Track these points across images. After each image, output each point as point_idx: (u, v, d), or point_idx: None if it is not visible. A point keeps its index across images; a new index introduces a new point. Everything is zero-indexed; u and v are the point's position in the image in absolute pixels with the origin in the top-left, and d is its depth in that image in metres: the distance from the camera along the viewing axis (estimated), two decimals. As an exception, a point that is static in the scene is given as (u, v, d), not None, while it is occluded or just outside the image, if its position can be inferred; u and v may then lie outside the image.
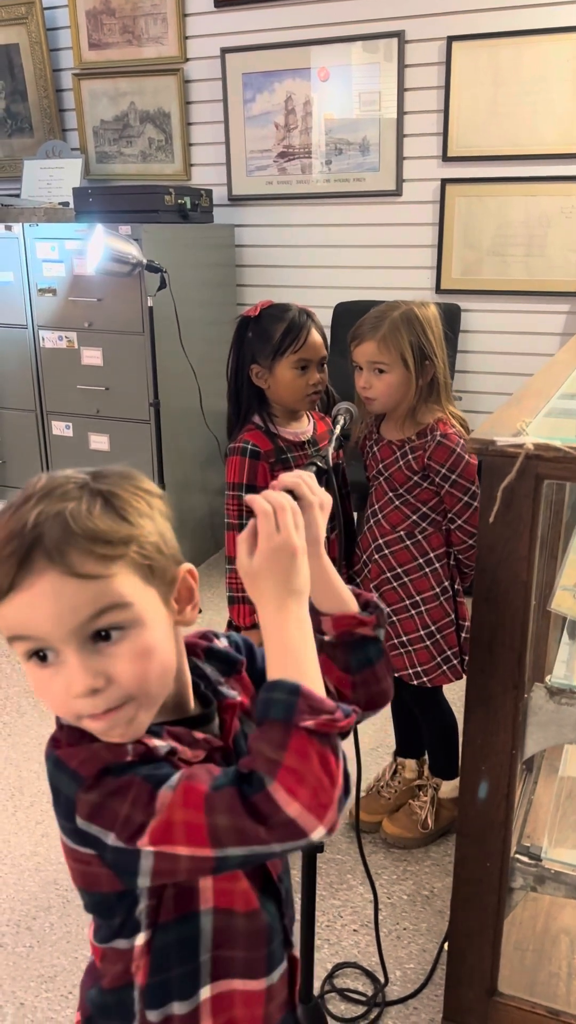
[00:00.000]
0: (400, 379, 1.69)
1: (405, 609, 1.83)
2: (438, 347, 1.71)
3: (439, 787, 2.05)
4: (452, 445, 1.72)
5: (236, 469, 1.77)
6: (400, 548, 1.81)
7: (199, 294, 3.50)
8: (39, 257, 3.28)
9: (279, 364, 1.74)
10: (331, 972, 1.70)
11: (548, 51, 3.11)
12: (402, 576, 1.82)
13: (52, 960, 1.75)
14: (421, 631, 1.82)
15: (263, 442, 1.78)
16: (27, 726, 2.57)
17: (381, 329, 1.68)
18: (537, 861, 1.31)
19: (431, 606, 1.82)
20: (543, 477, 1.10)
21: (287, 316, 1.74)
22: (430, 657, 1.83)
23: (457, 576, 1.84)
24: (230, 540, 1.83)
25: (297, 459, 1.81)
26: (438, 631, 1.82)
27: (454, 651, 1.84)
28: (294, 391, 1.76)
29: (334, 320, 3.52)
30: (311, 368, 1.75)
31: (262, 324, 1.75)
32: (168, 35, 3.63)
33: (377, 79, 3.37)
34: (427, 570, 1.81)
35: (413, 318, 1.68)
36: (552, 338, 3.38)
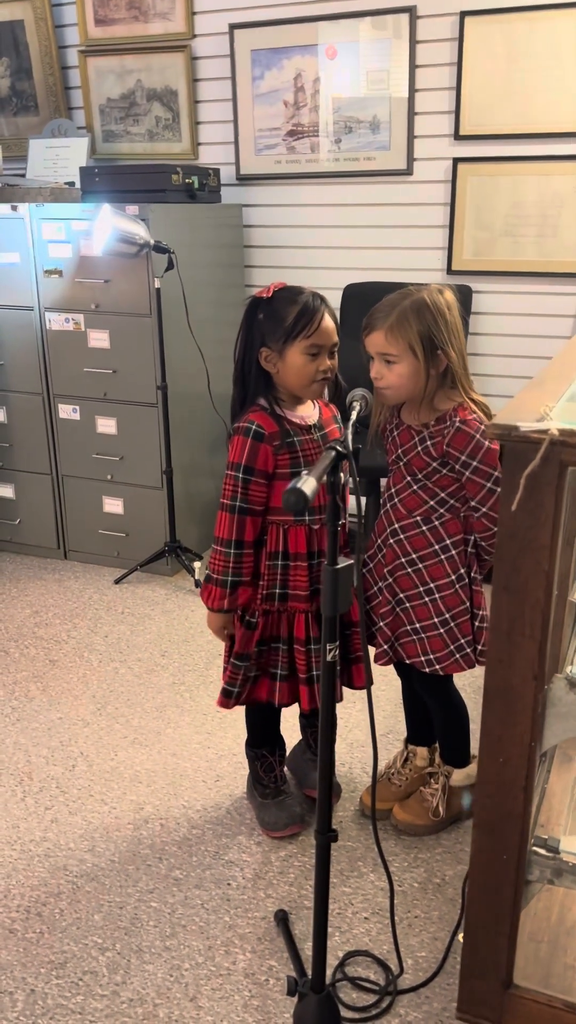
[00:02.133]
0: (410, 370, 1.66)
1: (419, 596, 1.81)
2: (452, 335, 1.66)
3: (451, 775, 2.04)
4: (471, 431, 1.68)
5: (238, 449, 1.75)
6: (416, 533, 1.79)
7: (207, 275, 3.46)
8: (45, 238, 3.24)
9: (290, 348, 1.70)
10: (342, 960, 1.70)
11: (563, 26, 3.05)
12: (417, 562, 1.80)
13: (62, 946, 1.74)
14: (435, 618, 1.80)
15: (268, 424, 1.75)
16: (36, 711, 2.56)
17: (390, 319, 1.64)
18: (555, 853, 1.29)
19: (446, 593, 1.79)
20: (568, 464, 1.07)
21: (300, 299, 1.70)
22: (443, 645, 1.81)
23: (474, 563, 1.81)
24: (221, 520, 1.78)
25: (303, 443, 1.78)
26: (452, 619, 1.80)
27: (468, 639, 1.82)
28: (303, 377, 1.73)
29: (344, 302, 3.48)
30: (322, 354, 1.72)
31: (274, 306, 1.71)
32: (175, 11, 3.57)
33: (388, 56, 3.31)
34: (443, 557, 1.78)
35: (424, 307, 1.64)
36: (565, 320, 3.34)
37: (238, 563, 1.79)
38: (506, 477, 1.10)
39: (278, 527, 1.81)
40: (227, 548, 1.78)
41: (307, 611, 1.85)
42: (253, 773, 2.11)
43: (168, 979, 1.67)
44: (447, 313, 1.66)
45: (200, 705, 2.58)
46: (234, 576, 1.79)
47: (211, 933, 1.77)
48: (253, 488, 1.76)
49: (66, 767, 2.30)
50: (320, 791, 1.41)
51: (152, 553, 3.40)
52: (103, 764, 2.32)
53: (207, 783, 2.24)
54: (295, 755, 2.22)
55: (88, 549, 3.60)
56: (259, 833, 2.05)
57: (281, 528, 1.81)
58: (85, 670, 2.79)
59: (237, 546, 1.78)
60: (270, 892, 1.88)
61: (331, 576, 1.26)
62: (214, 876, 1.92)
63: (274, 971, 1.68)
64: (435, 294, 1.67)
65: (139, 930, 1.78)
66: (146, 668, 2.79)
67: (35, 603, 3.27)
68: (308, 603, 1.85)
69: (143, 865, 1.96)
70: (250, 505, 1.77)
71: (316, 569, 1.83)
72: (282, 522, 1.81)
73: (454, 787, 2.03)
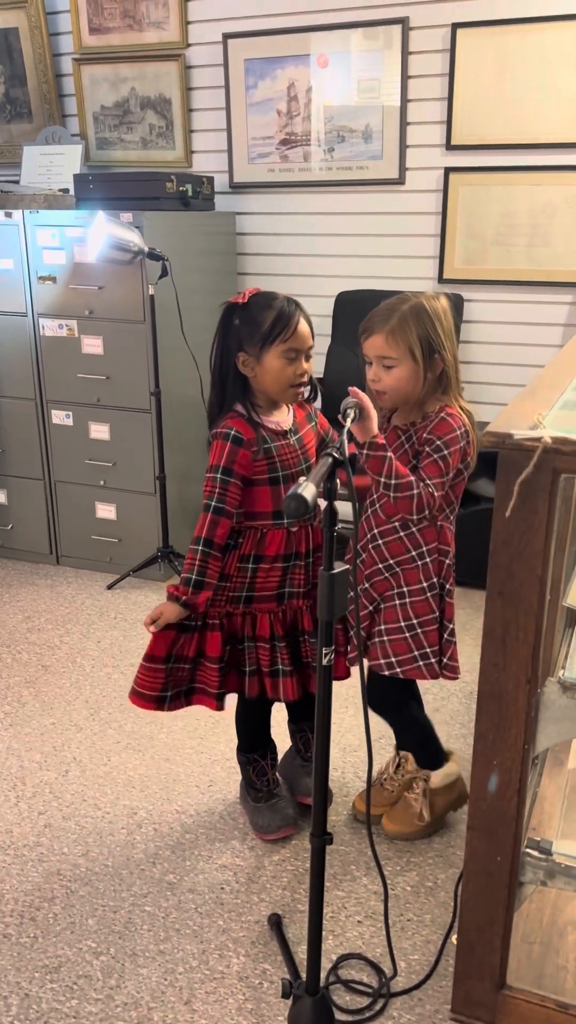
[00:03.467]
0: (408, 373, 1.68)
1: (391, 598, 1.82)
2: (447, 340, 1.69)
3: (429, 778, 2.06)
4: (454, 424, 1.70)
5: (218, 452, 1.77)
6: (394, 539, 1.80)
7: (200, 282, 3.47)
8: (39, 244, 3.25)
9: (267, 353, 1.72)
10: (336, 963, 1.71)
11: (554, 38, 3.09)
12: (395, 567, 1.80)
13: (56, 951, 1.75)
14: (402, 622, 1.81)
15: (247, 430, 1.77)
16: (28, 716, 2.56)
17: (390, 323, 1.66)
18: (547, 855, 1.31)
19: (416, 599, 1.80)
20: (560, 471, 1.09)
21: (276, 304, 1.72)
22: (407, 649, 1.81)
23: (449, 576, 1.81)
24: (200, 520, 1.79)
25: (279, 449, 1.80)
26: (420, 625, 1.80)
27: (434, 649, 1.81)
28: (281, 381, 1.75)
29: (336, 309, 3.51)
30: (299, 358, 1.74)
31: (251, 312, 1.73)
32: (169, 20, 3.60)
33: (380, 66, 3.34)
34: (419, 563, 1.79)
35: (422, 311, 1.67)
36: (555, 328, 3.37)
37: (204, 562, 1.78)
38: (500, 484, 1.12)
39: (256, 531, 1.83)
40: (197, 546, 1.78)
41: (271, 611, 1.87)
42: (245, 778, 2.12)
43: (162, 983, 1.67)
44: (443, 318, 1.69)
45: (193, 710, 2.56)
46: (198, 575, 1.78)
47: (205, 937, 1.78)
48: (231, 489, 1.78)
49: (59, 772, 2.31)
50: (315, 792, 1.42)
51: (145, 559, 3.41)
52: (96, 769, 2.32)
53: (200, 788, 2.24)
54: (286, 762, 2.23)
55: (81, 554, 3.61)
56: (252, 837, 2.06)
57: (259, 531, 1.83)
58: (78, 675, 2.79)
59: (206, 544, 1.77)
60: (263, 896, 1.89)
61: (328, 581, 1.27)
62: (208, 880, 1.93)
63: (268, 974, 1.69)
64: (432, 300, 1.70)
65: (133, 934, 1.79)
66: (139, 673, 2.80)
67: (27, 608, 3.27)
68: (273, 603, 1.87)
69: (137, 869, 1.96)
70: (226, 506, 1.78)
71: (292, 570, 1.86)
72: (261, 526, 1.82)
73: (435, 788, 2.05)
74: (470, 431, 1.72)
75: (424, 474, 1.68)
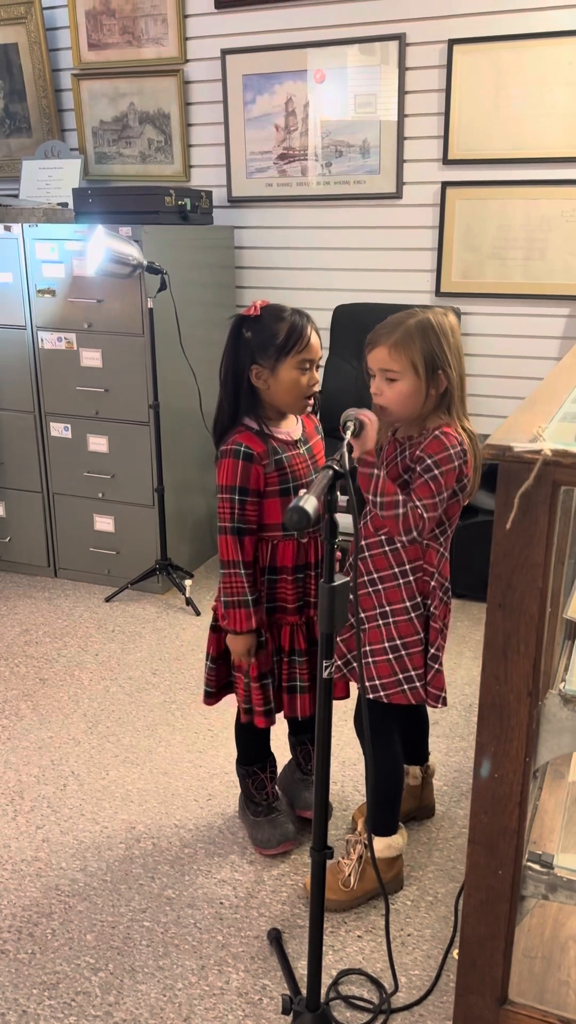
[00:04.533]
0: (410, 388, 1.65)
1: (375, 618, 1.76)
2: (453, 358, 1.66)
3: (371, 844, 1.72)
4: (447, 443, 1.64)
5: (229, 472, 1.76)
6: (379, 553, 1.75)
7: (198, 296, 3.49)
8: (38, 258, 3.26)
9: (283, 364, 1.73)
10: (336, 978, 1.70)
11: (549, 55, 3.12)
12: (377, 582, 1.76)
13: (54, 967, 1.73)
14: (386, 643, 1.74)
15: (256, 444, 1.77)
16: (26, 729, 2.55)
17: (394, 336, 1.64)
18: (549, 869, 1.30)
19: (400, 619, 1.73)
20: (560, 484, 1.09)
21: (288, 316, 1.74)
22: (391, 672, 1.74)
23: (435, 599, 1.74)
24: (223, 543, 1.80)
25: (291, 459, 1.80)
26: (404, 647, 1.74)
27: (418, 672, 1.74)
28: (295, 391, 1.76)
29: (334, 322, 3.52)
30: (312, 369, 1.76)
31: (263, 324, 1.74)
32: (168, 36, 3.63)
33: (377, 82, 3.37)
34: (400, 581, 1.73)
35: (429, 327, 1.64)
36: (552, 342, 3.39)
37: (251, 581, 1.81)
38: (500, 497, 1.12)
39: (267, 542, 1.83)
40: (238, 569, 1.80)
41: (294, 623, 1.87)
42: (245, 791, 2.11)
43: (161, 999, 1.66)
44: (450, 336, 1.67)
45: (191, 724, 2.58)
46: (252, 594, 1.81)
47: (204, 952, 1.77)
48: (249, 508, 1.78)
49: (57, 786, 2.30)
50: (316, 807, 1.42)
51: (143, 571, 3.40)
52: (94, 783, 2.31)
53: (199, 802, 2.23)
54: (285, 775, 2.22)
55: (79, 567, 3.60)
56: (251, 852, 2.05)
57: (270, 543, 1.83)
58: (76, 688, 2.78)
59: (245, 566, 1.80)
60: (263, 911, 1.88)
61: (327, 593, 1.27)
62: (207, 895, 1.92)
63: (268, 990, 1.68)
64: (440, 316, 1.67)
65: (132, 950, 1.77)
66: (137, 686, 2.79)
67: (25, 621, 3.26)
68: (296, 616, 1.87)
69: (135, 884, 1.95)
70: (247, 524, 1.79)
71: (303, 582, 1.86)
72: (272, 537, 1.83)
73: (379, 858, 1.86)
74: (468, 451, 1.67)
75: (416, 495, 1.64)
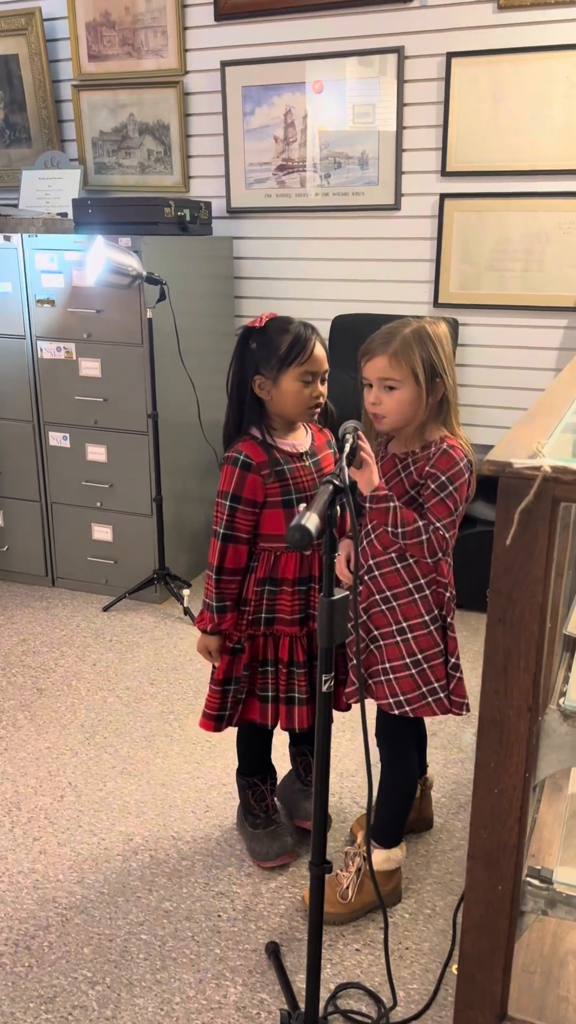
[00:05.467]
0: (411, 396, 1.66)
1: (392, 635, 1.76)
2: (448, 366, 1.68)
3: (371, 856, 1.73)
4: (456, 457, 1.67)
5: (227, 478, 1.79)
6: (391, 571, 1.75)
7: (198, 306, 3.49)
8: (38, 268, 3.27)
9: (285, 376, 1.74)
10: (334, 992, 1.69)
11: (547, 68, 3.14)
12: (391, 600, 1.75)
13: (51, 980, 1.73)
14: (407, 658, 1.75)
15: (257, 454, 1.78)
16: (23, 740, 2.55)
17: (393, 344, 1.64)
18: (548, 884, 1.30)
19: (419, 633, 1.74)
20: (560, 500, 1.10)
21: (293, 328, 1.74)
22: (415, 686, 1.74)
23: (450, 609, 1.76)
24: (212, 546, 1.84)
25: (294, 471, 1.80)
26: (425, 660, 1.74)
27: (441, 684, 1.75)
28: (298, 403, 1.77)
29: (332, 333, 3.53)
30: (315, 381, 1.76)
31: (268, 335, 1.75)
32: (168, 48, 3.64)
33: (376, 94, 3.38)
34: (416, 596, 1.73)
35: (425, 335, 1.66)
36: (550, 353, 3.40)
37: (219, 588, 1.84)
38: (500, 513, 1.13)
39: (270, 553, 1.83)
40: (213, 574, 1.84)
41: (293, 635, 1.87)
42: (244, 802, 2.11)
43: (159, 1013, 1.65)
44: (444, 344, 1.68)
45: (189, 734, 2.57)
46: (217, 601, 1.84)
47: (202, 966, 1.76)
48: (240, 516, 1.79)
49: (54, 797, 2.29)
50: (315, 821, 1.42)
51: (141, 580, 3.40)
52: (92, 794, 2.30)
53: (197, 814, 2.23)
54: (285, 786, 2.22)
55: (76, 576, 3.60)
56: (249, 864, 2.05)
57: (273, 554, 1.83)
58: (73, 699, 2.78)
59: (218, 571, 1.83)
60: (261, 924, 1.87)
61: (327, 607, 1.27)
62: (204, 908, 1.92)
63: (265, 1004, 1.67)
64: (432, 325, 1.68)
65: (129, 963, 1.77)
66: (135, 697, 2.79)
67: (23, 631, 3.26)
68: (296, 627, 1.86)
69: (133, 897, 1.95)
70: (235, 532, 1.80)
71: (306, 594, 1.86)
72: (274, 548, 1.83)
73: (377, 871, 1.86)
74: (473, 461, 1.69)
75: (433, 516, 1.65)
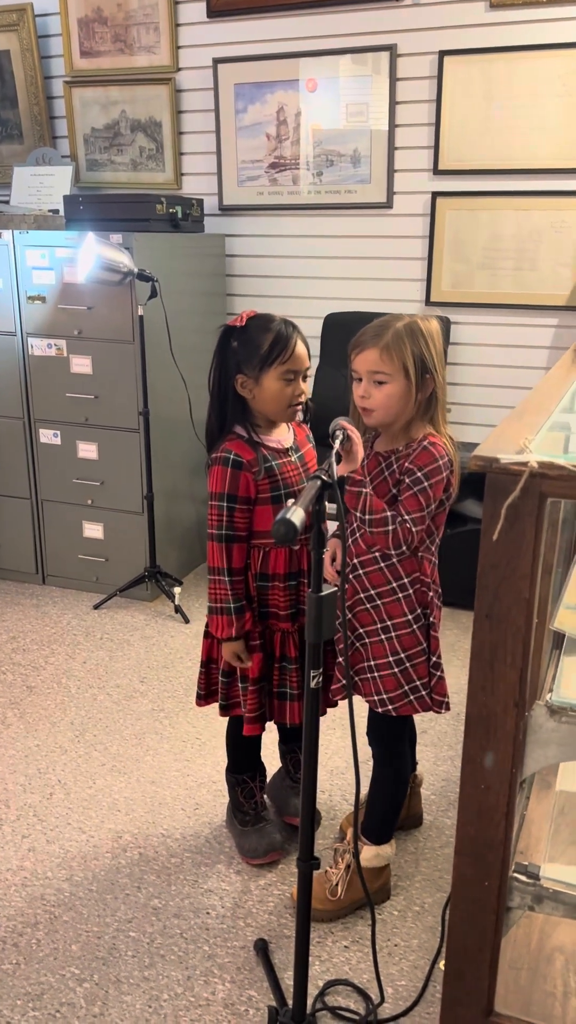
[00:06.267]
0: (400, 390, 1.65)
1: (376, 633, 1.76)
2: (439, 362, 1.68)
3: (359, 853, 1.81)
4: (436, 454, 1.66)
5: (219, 479, 1.77)
6: (375, 570, 1.74)
7: (189, 303, 3.49)
8: (29, 264, 3.26)
9: (266, 375, 1.73)
10: (323, 989, 1.69)
11: (539, 67, 3.14)
12: (376, 598, 1.75)
13: (39, 977, 1.72)
14: (390, 657, 1.75)
15: (245, 452, 1.77)
16: (12, 738, 2.54)
17: (384, 338, 1.63)
18: (535, 880, 1.30)
19: (402, 632, 1.74)
20: (547, 495, 1.10)
21: (273, 327, 1.73)
22: (397, 685, 1.75)
23: (433, 608, 1.76)
24: (212, 550, 1.81)
25: (282, 467, 1.80)
26: (408, 659, 1.75)
27: (423, 682, 1.75)
28: (279, 402, 1.76)
29: (324, 331, 3.53)
30: (296, 379, 1.76)
31: (248, 334, 1.74)
32: (160, 44, 3.63)
33: (368, 92, 3.38)
34: (400, 595, 1.73)
35: (417, 330, 1.65)
36: (541, 351, 3.40)
37: (234, 589, 1.82)
38: (487, 508, 1.13)
39: (259, 549, 1.83)
40: (224, 576, 1.81)
41: (285, 631, 1.87)
42: (233, 800, 2.11)
43: (147, 1010, 1.65)
44: (435, 340, 1.67)
45: (179, 732, 2.57)
46: (236, 601, 1.82)
47: (190, 963, 1.76)
48: (238, 515, 1.78)
49: (43, 795, 2.29)
50: (303, 818, 1.41)
51: (132, 578, 3.40)
52: (81, 792, 2.30)
53: (186, 811, 2.23)
54: (274, 783, 2.22)
55: (67, 574, 3.59)
56: (238, 861, 2.04)
57: (262, 550, 1.83)
58: (63, 697, 2.77)
59: (229, 573, 1.81)
60: (249, 921, 1.87)
61: (315, 603, 1.27)
62: (193, 905, 1.91)
63: (254, 1001, 1.67)
64: (423, 321, 1.68)
65: (117, 960, 1.76)
66: (125, 695, 2.78)
67: (12, 628, 3.25)
68: (288, 623, 1.86)
69: (121, 894, 1.94)
70: (236, 532, 1.79)
71: (295, 589, 1.86)
72: (263, 544, 1.83)
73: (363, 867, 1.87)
74: (453, 460, 1.68)
75: (403, 508, 1.64)
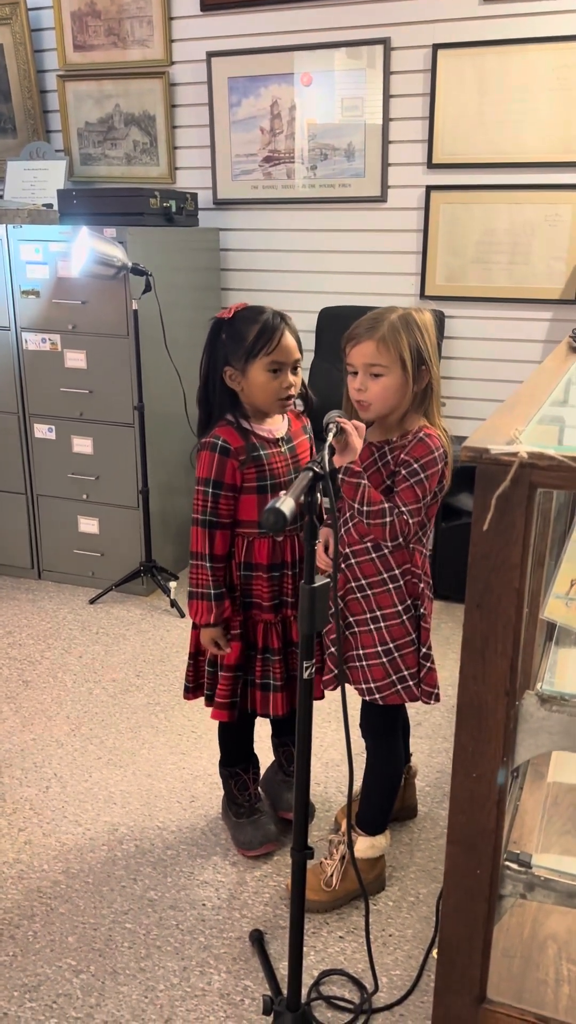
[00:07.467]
0: (397, 382, 1.65)
1: (366, 623, 1.77)
2: (434, 354, 1.68)
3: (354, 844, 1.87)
4: (432, 446, 1.67)
5: (205, 464, 1.77)
6: (366, 560, 1.75)
7: (183, 297, 3.49)
8: (23, 259, 3.26)
9: (252, 366, 1.73)
10: (317, 979, 1.70)
11: (533, 60, 3.14)
12: (366, 588, 1.76)
13: (36, 969, 1.73)
14: (379, 647, 1.75)
15: (234, 439, 1.77)
16: (8, 732, 2.54)
17: (380, 330, 1.63)
18: (527, 868, 1.31)
19: (392, 623, 1.74)
20: (537, 485, 1.10)
21: (260, 318, 1.73)
22: (385, 674, 1.75)
23: (424, 599, 1.77)
24: (195, 535, 1.81)
25: (270, 457, 1.80)
26: (396, 649, 1.75)
27: (411, 672, 1.76)
28: (267, 394, 1.76)
29: (319, 324, 3.53)
30: (284, 371, 1.75)
31: (235, 326, 1.75)
32: (154, 38, 3.63)
33: (363, 86, 3.38)
34: (391, 586, 1.74)
35: (412, 322, 1.65)
36: (535, 345, 3.41)
37: (217, 575, 1.82)
38: (478, 498, 1.13)
39: (243, 539, 1.84)
40: (205, 562, 1.81)
41: (268, 622, 1.88)
42: (227, 793, 2.12)
43: (143, 1001, 1.66)
44: (430, 331, 1.68)
45: (175, 725, 2.58)
46: (216, 588, 1.82)
47: (186, 954, 1.77)
48: (223, 502, 1.79)
49: (40, 788, 2.29)
50: (296, 807, 1.42)
51: (127, 573, 3.40)
52: (77, 785, 2.31)
53: (182, 804, 2.23)
54: (268, 777, 2.22)
55: (62, 569, 3.59)
56: (234, 854, 2.05)
57: (246, 539, 1.84)
58: (59, 691, 2.78)
59: (211, 559, 1.81)
60: (245, 912, 1.88)
61: (308, 594, 1.28)
62: (189, 897, 1.92)
63: (249, 991, 1.68)
64: (418, 313, 1.68)
65: (113, 952, 1.77)
66: (121, 688, 2.79)
67: (8, 623, 3.25)
68: (271, 614, 1.87)
69: (117, 886, 1.95)
70: (219, 519, 1.80)
71: (279, 580, 1.86)
72: (247, 534, 1.83)
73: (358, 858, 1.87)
74: (448, 452, 1.68)
75: (400, 500, 1.65)
